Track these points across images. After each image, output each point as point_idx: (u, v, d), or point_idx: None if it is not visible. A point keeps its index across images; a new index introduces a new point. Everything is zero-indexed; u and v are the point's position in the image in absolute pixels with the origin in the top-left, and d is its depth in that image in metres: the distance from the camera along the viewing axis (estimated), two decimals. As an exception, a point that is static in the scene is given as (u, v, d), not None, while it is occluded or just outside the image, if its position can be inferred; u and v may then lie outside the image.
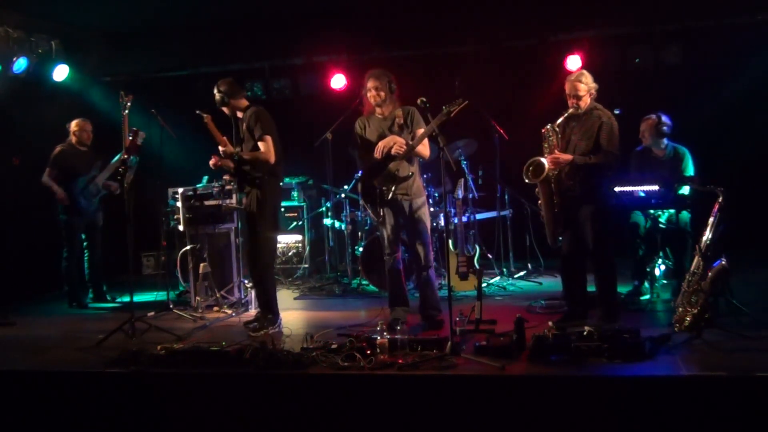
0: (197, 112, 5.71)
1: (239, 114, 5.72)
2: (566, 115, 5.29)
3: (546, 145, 5.29)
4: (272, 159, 5.54)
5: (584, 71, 5.35)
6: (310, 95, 8.88)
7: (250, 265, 5.77)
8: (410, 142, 5.37)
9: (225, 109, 5.75)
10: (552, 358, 4.38)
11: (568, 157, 5.21)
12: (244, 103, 5.74)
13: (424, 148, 5.42)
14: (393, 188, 5.41)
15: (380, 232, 5.62)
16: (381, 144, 5.41)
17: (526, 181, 5.35)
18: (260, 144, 5.53)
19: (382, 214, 5.51)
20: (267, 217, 5.62)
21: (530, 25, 8.07)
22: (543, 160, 5.25)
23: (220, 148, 5.63)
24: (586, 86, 5.23)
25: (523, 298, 6.52)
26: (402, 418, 4.18)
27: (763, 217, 7.72)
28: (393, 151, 5.37)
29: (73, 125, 7.21)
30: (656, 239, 6.13)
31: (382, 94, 5.44)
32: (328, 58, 8.71)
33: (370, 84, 5.46)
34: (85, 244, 7.28)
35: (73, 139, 7.19)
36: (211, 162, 5.71)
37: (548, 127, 5.31)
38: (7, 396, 4.73)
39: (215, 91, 5.68)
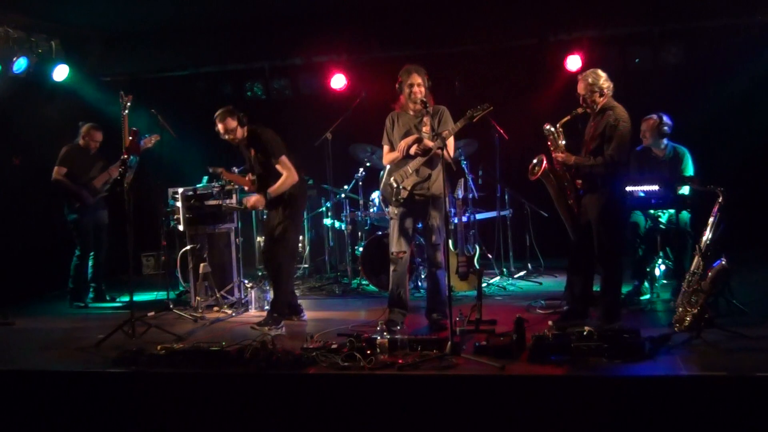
0: (210, 170, 5.95)
1: (244, 141, 5.80)
2: (574, 113, 5.26)
3: (549, 143, 5.29)
4: (296, 177, 5.64)
5: (597, 70, 5.25)
6: (310, 95, 8.88)
7: (265, 264, 5.79)
8: (431, 144, 5.31)
9: (230, 140, 5.82)
10: (552, 358, 4.38)
11: (570, 158, 5.19)
12: (244, 130, 5.76)
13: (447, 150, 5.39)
14: (411, 187, 5.40)
15: (391, 230, 5.56)
16: (403, 143, 5.38)
17: (531, 178, 5.35)
18: (279, 168, 5.60)
19: (397, 212, 5.48)
20: (289, 222, 5.69)
21: (530, 25, 8.06)
22: (542, 158, 5.25)
23: (248, 205, 5.79)
24: (594, 85, 5.17)
25: (523, 298, 6.52)
26: (402, 418, 4.18)
27: (763, 217, 7.72)
28: (412, 151, 5.34)
29: (85, 129, 7.17)
30: (656, 239, 6.13)
31: (423, 90, 5.38)
32: (328, 58, 8.70)
33: (411, 79, 5.35)
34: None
35: (81, 141, 7.17)
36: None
37: (547, 126, 5.30)
38: (8, 396, 4.73)
39: (216, 128, 5.78)
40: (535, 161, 5.38)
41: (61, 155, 7.08)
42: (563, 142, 5.26)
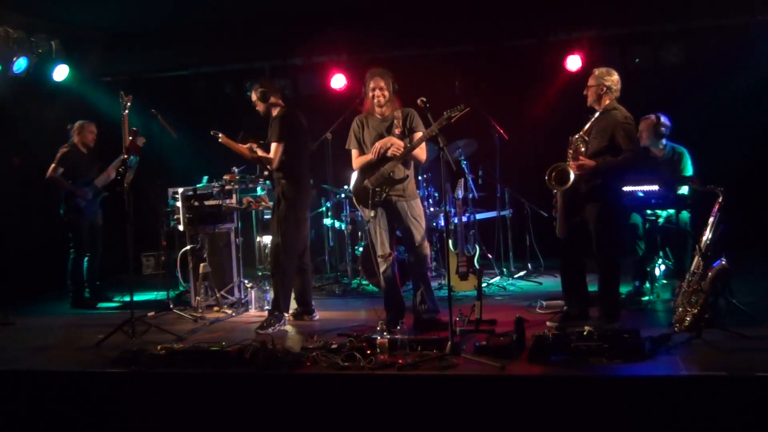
0: (211, 133, 5.89)
1: (274, 112, 5.85)
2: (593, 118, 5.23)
3: (571, 152, 5.19)
4: (273, 165, 5.75)
5: (604, 68, 5.25)
6: (310, 95, 8.88)
7: (270, 262, 5.95)
8: (408, 145, 5.35)
9: (260, 109, 5.89)
10: (552, 358, 4.38)
11: (591, 163, 5.09)
12: (280, 104, 5.87)
13: (421, 152, 5.39)
14: (387, 190, 5.38)
15: (372, 234, 5.54)
16: (378, 145, 5.36)
17: (553, 190, 5.26)
18: (271, 147, 5.73)
19: (374, 215, 5.45)
20: (288, 219, 5.75)
21: (530, 25, 8.07)
22: (567, 167, 5.11)
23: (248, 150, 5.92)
24: (609, 80, 5.16)
25: (523, 298, 6.52)
26: (402, 418, 4.18)
27: (763, 217, 7.72)
28: (390, 153, 5.33)
29: (77, 126, 7.19)
30: (656, 239, 6.13)
31: (386, 94, 5.40)
32: (328, 58, 8.71)
33: (374, 83, 5.39)
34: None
35: (76, 140, 7.18)
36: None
37: (576, 136, 5.19)
38: (7, 396, 4.73)
39: (253, 90, 5.85)
40: (556, 167, 5.18)
41: (60, 156, 7.07)
42: (584, 149, 5.18)
